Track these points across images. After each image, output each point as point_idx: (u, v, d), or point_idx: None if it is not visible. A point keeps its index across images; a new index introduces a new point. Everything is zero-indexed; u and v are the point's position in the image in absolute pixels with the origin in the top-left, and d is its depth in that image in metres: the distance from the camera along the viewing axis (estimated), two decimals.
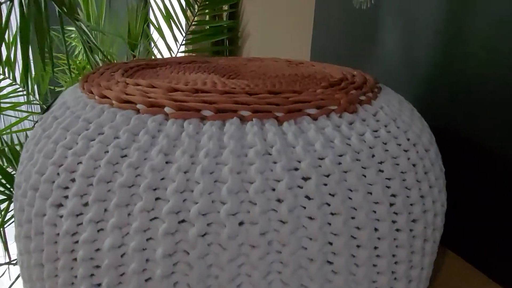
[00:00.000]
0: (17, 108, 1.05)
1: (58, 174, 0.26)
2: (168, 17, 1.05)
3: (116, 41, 1.01)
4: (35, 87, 1.07)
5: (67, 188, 0.25)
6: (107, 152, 0.25)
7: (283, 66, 0.45)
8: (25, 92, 1.05)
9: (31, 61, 0.97)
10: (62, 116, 0.30)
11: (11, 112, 1.26)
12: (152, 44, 1.08)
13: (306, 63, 0.48)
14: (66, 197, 0.25)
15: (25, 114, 1.11)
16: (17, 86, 1.07)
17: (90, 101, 0.30)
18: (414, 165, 0.28)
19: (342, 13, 0.63)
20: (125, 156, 0.25)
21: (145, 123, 0.26)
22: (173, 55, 1.09)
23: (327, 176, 0.24)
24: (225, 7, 1.08)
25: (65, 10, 0.61)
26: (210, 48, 1.12)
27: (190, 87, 0.29)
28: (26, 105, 1.05)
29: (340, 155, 0.25)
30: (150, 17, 1.07)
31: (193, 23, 1.08)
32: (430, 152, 0.31)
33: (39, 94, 1.10)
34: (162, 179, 0.23)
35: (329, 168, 0.24)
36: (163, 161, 0.24)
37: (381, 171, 0.26)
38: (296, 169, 0.24)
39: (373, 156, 0.26)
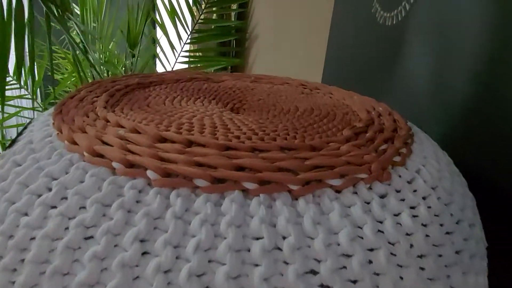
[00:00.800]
0: (10, 103, 0.99)
1: (5, 248, 0.20)
2: (172, 13, 0.98)
3: (116, 37, 0.94)
4: (29, 80, 1.01)
5: (14, 271, 0.20)
6: (68, 229, 0.19)
7: (296, 95, 0.39)
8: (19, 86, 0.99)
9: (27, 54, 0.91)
10: (23, 163, 0.24)
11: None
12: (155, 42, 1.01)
13: (322, 89, 0.42)
14: (13, 283, 0.19)
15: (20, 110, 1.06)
16: (10, 78, 1.01)
17: (59, 143, 0.25)
18: (458, 252, 0.23)
19: (362, 25, 0.56)
20: (91, 237, 0.19)
21: (121, 190, 0.20)
22: (176, 54, 1.03)
23: (354, 283, 0.18)
24: (234, 7, 1.02)
25: (55, 11, 0.55)
26: (216, 49, 1.06)
27: (183, 138, 0.23)
28: (18, 99, 0.99)
29: (371, 249, 0.19)
30: (155, 13, 1.00)
31: (199, 21, 1.02)
32: (475, 228, 0.25)
33: (32, 88, 1.04)
34: (136, 278, 0.18)
35: (357, 272, 0.18)
36: (138, 252, 0.18)
37: (422, 268, 0.20)
38: (314, 272, 0.18)
39: (411, 246, 0.20)
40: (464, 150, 0.39)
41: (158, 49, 0.99)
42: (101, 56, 0.79)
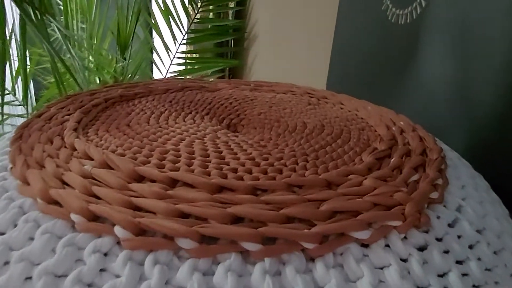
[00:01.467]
0: None
1: None
2: (166, 13, 0.93)
3: (108, 38, 0.89)
4: (17, 85, 0.96)
5: None
6: None
7: (302, 106, 0.34)
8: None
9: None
10: None
11: None
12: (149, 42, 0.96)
13: (331, 98, 0.37)
14: None
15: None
16: None
17: (11, 182, 0.20)
18: None
19: (370, 23, 0.51)
20: None
21: (81, 253, 0.15)
22: (171, 55, 0.98)
23: None
24: (231, 5, 0.96)
25: (32, 13, 0.49)
26: (212, 49, 1.01)
27: (165, 176, 0.18)
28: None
29: None
30: (148, 13, 0.95)
31: (194, 20, 0.96)
32: None
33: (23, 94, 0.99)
34: None
35: None
36: None
37: None
38: None
39: None
40: (491, 165, 0.35)
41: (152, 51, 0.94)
42: (90, 61, 0.74)
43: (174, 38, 0.97)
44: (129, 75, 0.89)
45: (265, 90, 0.40)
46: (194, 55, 0.99)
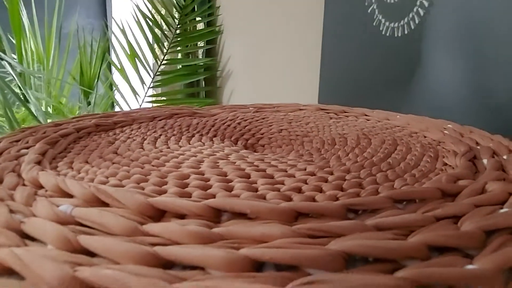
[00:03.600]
0: None
1: None
2: (132, 55, 0.88)
3: (67, 84, 0.81)
4: None
5: None
6: None
7: (326, 121, 0.29)
8: None
9: None
10: None
11: None
12: (114, 88, 0.89)
13: (350, 112, 0.32)
14: None
15: None
16: None
17: None
18: None
19: (363, 40, 0.48)
20: None
21: None
22: (140, 100, 0.91)
23: None
24: (201, 43, 0.93)
25: None
26: (183, 90, 0.95)
27: (205, 207, 0.11)
28: None
29: None
30: (111, 56, 0.89)
31: (163, 62, 0.92)
32: None
33: None
34: None
35: None
36: None
37: None
38: None
39: None
40: None
41: (118, 96, 0.87)
42: (48, 107, 0.65)
43: (142, 82, 0.90)
44: None
45: (269, 111, 0.34)
46: (164, 98, 0.93)
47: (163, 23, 0.93)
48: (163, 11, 0.93)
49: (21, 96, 0.57)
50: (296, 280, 0.08)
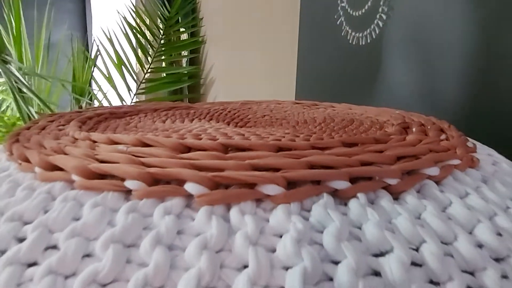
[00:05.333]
0: None
1: None
2: (119, 64, 0.92)
3: (56, 90, 0.84)
4: None
5: None
6: None
7: (300, 109, 0.35)
8: None
9: None
10: None
11: None
12: (101, 96, 0.93)
13: (320, 104, 0.38)
14: None
15: None
16: None
17: (24, 176, 0.16)
18: None
19: (333, 49, 0.55)
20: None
21: (147, 220, 0.13)
22: None
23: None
24: (185, 53, 0.99)
25: None
26: (167, 97, 1.00)
27: (217, 144, 0.17)
28: None
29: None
30: (98, 64, 0.93)
31: (148, 70, 0.97)
32: None
33: None
34: None
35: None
36: None
37: None
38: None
39: None
40: None
41: (106, 103, 0.90)
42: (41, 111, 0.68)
43: (129, 89, 0.95)
44: None
45: (254, 105, 0.40)
46: (150, 100, 0.98)
47: (148, 33, 0.98)
48: (148, 21, 0.99)
49: (17, 101, 0.61)
50: (282, 171, 0.14)
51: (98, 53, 0.87)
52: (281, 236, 0.12)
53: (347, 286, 0.11)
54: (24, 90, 0.60)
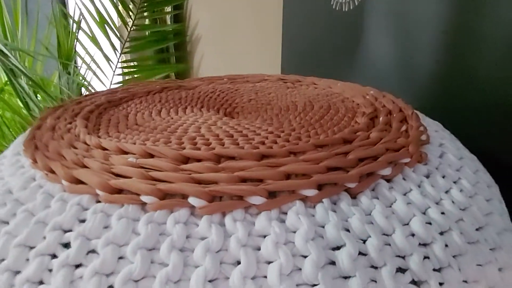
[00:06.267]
0: None
1: None
2: (102, 22, 0.90)
3: (39, 57, 0.83)
4: None
5: None
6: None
7: (283, 90, 0.38)
8: None
9: None
10: (15, 222, 0.19)
11: None
12: (89, 59, 0.92)
13: (303, 81, 0.41)
14: None
15: None
16: None
17: (54, 187, 0.20)
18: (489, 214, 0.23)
19: (317, 14, 0.56)
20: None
21: (162, 227, 0.17)
22: (113, 66, 0.95)
23: (439, 271, 0.17)
24: (168, 9, 0.96)
25: None
26: (153, 56, 1.00)
27: (211, 154, 0.20)
28: None
29: (441, 233, 0.19)
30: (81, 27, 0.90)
31: (132, 28, 0.95)
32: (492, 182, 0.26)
33: None
34: None
35: (442, 258, 0.17)
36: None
37: (485, 239, 0.20)
38: (402, 270, 0.17)
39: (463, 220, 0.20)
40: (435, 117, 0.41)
41: (93, 65, 0.90)
42: (28, 82, 0.68)
43: (114, 48, 0.94)
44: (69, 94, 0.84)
45: (240, 81, 0.43)
46: (135, 63, 0.97)
47: None
48: None
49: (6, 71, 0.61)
50: (264, 184, 0.18)
51: (80, 16, 0.84)
52: (264, 237, 0.17)
53: (311, 275, 0.15)
54: (12, 66, 0.60)
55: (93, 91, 0.91)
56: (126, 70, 0.96)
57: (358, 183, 0.19)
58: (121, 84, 0.94)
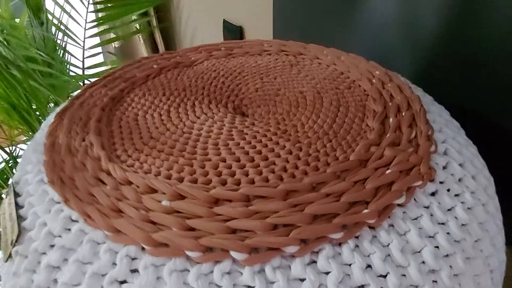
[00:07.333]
0: None
1: None
2: None
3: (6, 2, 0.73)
4: None
5: None
6: None
7: (288, 71, 0.37)
8: None
9: None
10: (57, 263, 0.21)
11: None
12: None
13: (306, 54, 0.40)
14: None
15: None
16: None
17: (93, 234, 0.21)
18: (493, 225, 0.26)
19: None
20: None
21: (210, 276, 0.19)
22: (85, 3, 0.86)
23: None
24: None
25: None
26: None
27: (241, 194, 0.21)
28: None
29: (446, 255, 0.22)
30: None
31: None
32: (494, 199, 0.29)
33: None
34: None
35: (448, 284, 0.20)
36: None
37: (481, 250, 0.23)
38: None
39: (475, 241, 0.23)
40: (437, 85, 0.42)
41: (67, 6, 0.81)
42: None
43: None
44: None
45: (239, 54, 0.41)
46: (110, 2, 0.88)
47: None
48: None
49: None
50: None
51: None
52: (300, 280, 0.19)
53: None
54: None
55: (69, 41, 0.84)
56: (100, 7, 0.87)
57: (378, 218, 0.21)
58: (96, 23, 0.87)
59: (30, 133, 0.89)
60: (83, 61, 0.90)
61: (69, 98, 0.40)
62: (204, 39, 0.87)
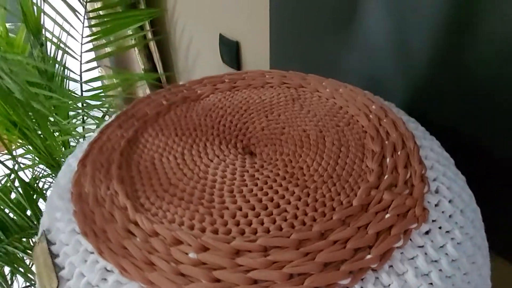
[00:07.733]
0: None
1: None
2: None
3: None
4: None
5: None
6: None
7: (291, 107, 0.39)
8: None
9: None
10: None
11: None
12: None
13: (307, 86, 0.42)
14: None
15: None
16: None
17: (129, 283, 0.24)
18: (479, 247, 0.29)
19: None
20: None
21: None
22: (81, 18, 0.86)
23: None
24: None
25: None
26: (123, 0, 0.90)
27: (259, 246, 0.24)
28: None
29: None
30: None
31: None
32: (477, 214, 0.32)
33: None
34: None
35: None
36: None
37: (468, 282, 0.27)
38: None
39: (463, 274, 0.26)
40: (426, 107, 0.45)
41: (60, 20, 0.81)
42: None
43: None
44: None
45: (242, 87, 0.44)
46: (105, 16, 0.89)
47: None
48: None
49: None
50: None
51: None
52: None
53: None
54: None
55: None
56: (94, 22, 0.88)
57: (379, 262, 0.24)
58: (93, 38, 0.87)
59: (30, 148, 0.90)
60: (80, 75, 0.91)
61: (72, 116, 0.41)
62: (200, 51, 0.89)
